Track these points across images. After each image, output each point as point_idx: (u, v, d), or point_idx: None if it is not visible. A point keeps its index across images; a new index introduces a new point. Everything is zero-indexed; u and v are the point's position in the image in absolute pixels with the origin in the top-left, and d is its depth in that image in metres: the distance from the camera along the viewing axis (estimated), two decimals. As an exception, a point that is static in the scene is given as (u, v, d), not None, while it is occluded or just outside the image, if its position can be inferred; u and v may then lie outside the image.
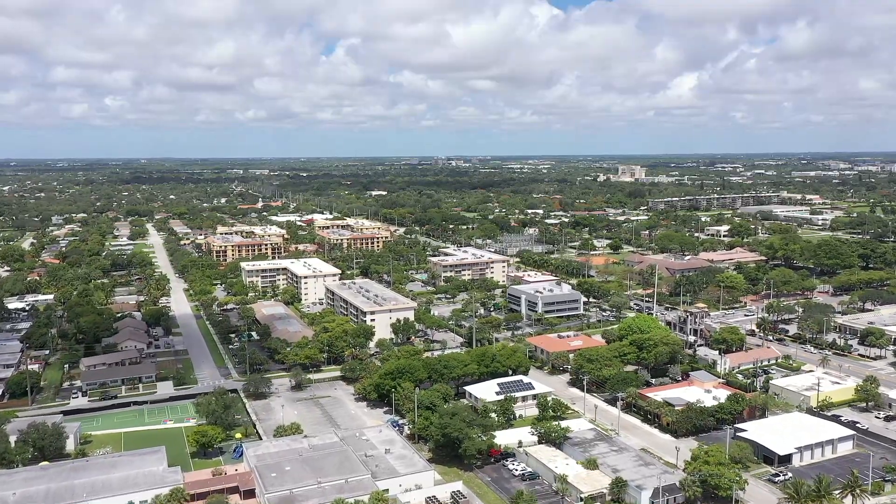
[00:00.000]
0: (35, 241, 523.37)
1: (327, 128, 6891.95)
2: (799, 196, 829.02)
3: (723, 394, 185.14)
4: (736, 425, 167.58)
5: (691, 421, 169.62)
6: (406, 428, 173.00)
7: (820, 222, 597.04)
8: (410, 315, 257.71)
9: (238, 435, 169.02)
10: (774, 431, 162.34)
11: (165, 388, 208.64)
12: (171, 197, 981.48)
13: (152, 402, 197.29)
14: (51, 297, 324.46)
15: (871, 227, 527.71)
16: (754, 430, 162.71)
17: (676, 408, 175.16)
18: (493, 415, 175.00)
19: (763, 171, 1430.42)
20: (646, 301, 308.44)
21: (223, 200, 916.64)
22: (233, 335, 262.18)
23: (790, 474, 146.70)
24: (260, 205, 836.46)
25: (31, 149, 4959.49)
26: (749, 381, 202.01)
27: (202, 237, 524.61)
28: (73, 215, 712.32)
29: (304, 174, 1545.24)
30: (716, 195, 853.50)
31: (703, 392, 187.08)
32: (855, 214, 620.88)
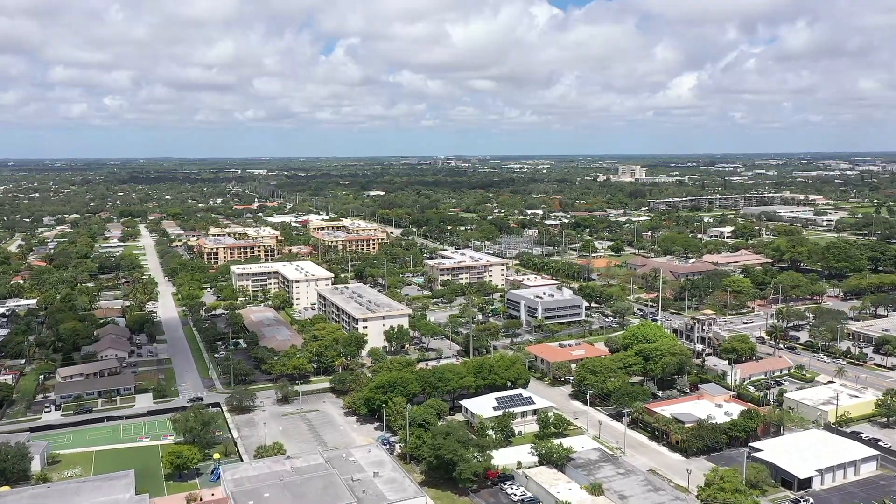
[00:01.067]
0: (23, 242, 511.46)
1: (326, 128, 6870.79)
2: (802, 196, 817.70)
3: (735, 408, 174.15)
4: (751, 444, 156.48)
5: (702, 439, 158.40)
6: (397, 447, 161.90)
7: (825, 223, 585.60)
8: (405, 322, 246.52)
9: (217, 455, 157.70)
10: (792, 451, 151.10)
11: (144, 401, 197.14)
12: (167, 197, 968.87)
13: (128, 416, 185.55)
14: (34, 301, 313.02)
15: (878, 229, 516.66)
16: (771, 451, 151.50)
17: (686, 425, 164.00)
18: (491, 431, 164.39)
19: (764, 171, 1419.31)
20: (650, 306, 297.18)
21: (219, 201, 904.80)
22: (219, 343, 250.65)
23: (812, 500, 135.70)
24: (256, 205, 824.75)
25: (29, 149, 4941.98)
26: (762, 393, 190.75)
27: (195, 238, 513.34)
28: (66, 216, 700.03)
29: (303, 174, 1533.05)
30: (718, 195, 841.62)
31: (714, 406, 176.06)
32: (860, 215, 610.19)
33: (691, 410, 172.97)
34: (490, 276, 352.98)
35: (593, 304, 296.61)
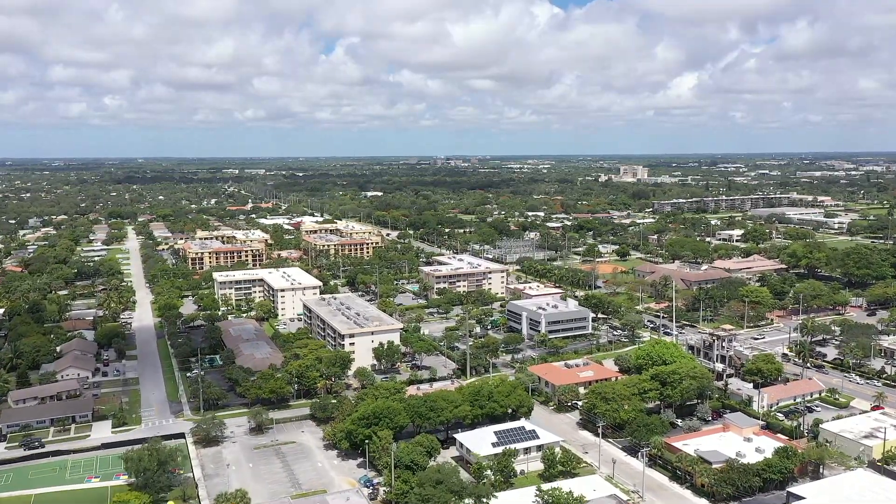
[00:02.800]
0: (2, 245, 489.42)
1: (326, 127, 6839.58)
2: (810, 198, 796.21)
3: (766, 443, 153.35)
4: (789, 489, 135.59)
5: (733, 484, 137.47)
6: (381, 490, 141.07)
7: (836, 226, 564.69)
8: (396, 337, 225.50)
9: (171, 503, 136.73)
10: (839, 500, 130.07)
11: (102, 431, 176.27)
12: (160, 198, 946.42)
13: (78, 450, 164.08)
14: (0, 311, 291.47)
15: (894, 232, 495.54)
16: (814, 498, 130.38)
17: (714, 465, 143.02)
18: (489, 472, 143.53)
19: (767, 172, 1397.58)
20: (661, 317, 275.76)
21: (213, 201, 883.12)
22: (193, 360, 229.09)
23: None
24: (249, 206, 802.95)
25: (28, 148, 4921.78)
26: (794, 424, 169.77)
27: (182, 242, 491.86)
28: (53, 217, 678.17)
29: (301, 174, 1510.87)
30: (723, 196, 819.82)
31: (743, 441, 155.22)
32: (872, 217, 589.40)
33: (717, 446, 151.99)
34: (489, 283, 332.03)
35: (600, 316, 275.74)
